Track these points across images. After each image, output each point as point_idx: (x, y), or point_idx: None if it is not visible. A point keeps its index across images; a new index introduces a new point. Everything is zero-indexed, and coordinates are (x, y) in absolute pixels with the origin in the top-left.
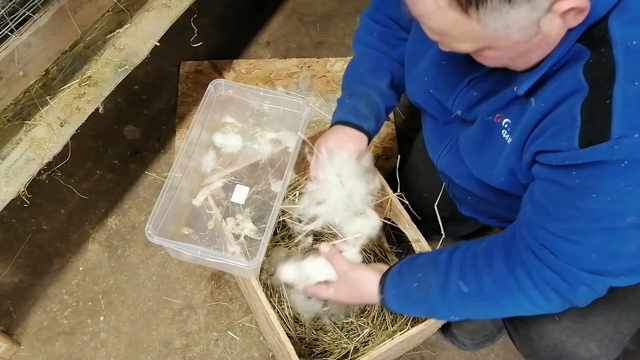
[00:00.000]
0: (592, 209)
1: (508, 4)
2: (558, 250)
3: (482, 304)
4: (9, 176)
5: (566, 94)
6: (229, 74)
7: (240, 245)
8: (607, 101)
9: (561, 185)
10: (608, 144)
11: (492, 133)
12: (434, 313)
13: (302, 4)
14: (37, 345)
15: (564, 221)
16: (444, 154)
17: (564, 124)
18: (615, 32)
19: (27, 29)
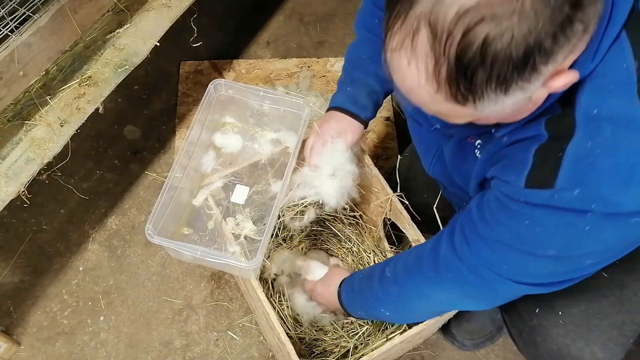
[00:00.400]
0: (520, 233)
1: (504, 95)
2: (474, 247)
3: (397, 288)
4: (9, 176)
5: (526, 137)
6: (229, 74)
7: (240, 245)
8: (559, 153)
9: (504, 204)
10: (550, 191)
11: (467, 150)
12: (369, 305)
13: (302, 4)
14: (37, 345)
15: (492, 229)
16: (433, 162)
17: (517, 161)
18: (580, 97)
19: (27, 29)
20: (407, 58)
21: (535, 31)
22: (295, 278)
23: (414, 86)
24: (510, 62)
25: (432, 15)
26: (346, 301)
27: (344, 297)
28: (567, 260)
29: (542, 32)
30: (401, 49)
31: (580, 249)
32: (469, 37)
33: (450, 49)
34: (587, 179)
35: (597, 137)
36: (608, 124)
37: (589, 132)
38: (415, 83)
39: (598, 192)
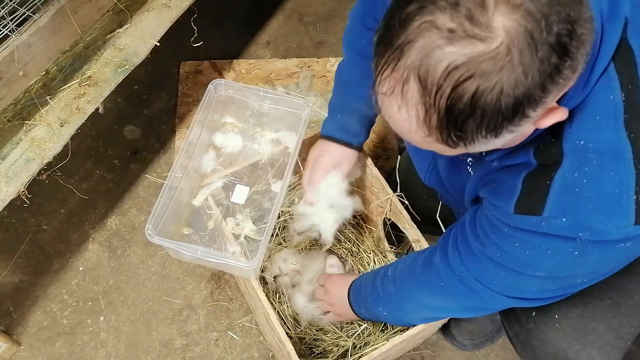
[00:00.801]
0: (510, 253)
1: (494, 139)
2: (466, 260)
3: (394, 287)
4: (9, 176)
5: (515, 163)
6: (229, 74)
7: (240, 245)
8: (547, 181)
9: (495, 225)
10: (538, 218)
11: (460, 166)
12: (369, 302)
13: (302, 4)
14: (37, 345)
15: (484, 247)
16: (429, 172)
17: (506, 186)
18: (568, 128)
19: (27, 29)
20: (397, 104)
21: (524, 84)
22: (293, 276)
23: (405, 130)
24: (500, 113)
25: (421, 68)
26: (353, 299)
27: (352, 296)
28: (556, 280)
29: (530, 85)
30: (391, 95)
31: (569, 271)
32: (458, 91)
33: (440, 100)
34: (574, 208)
35: (584, 168)
36: (594, 155)
37: (576, 163)
38: (407, 127)
39: (585, 221)
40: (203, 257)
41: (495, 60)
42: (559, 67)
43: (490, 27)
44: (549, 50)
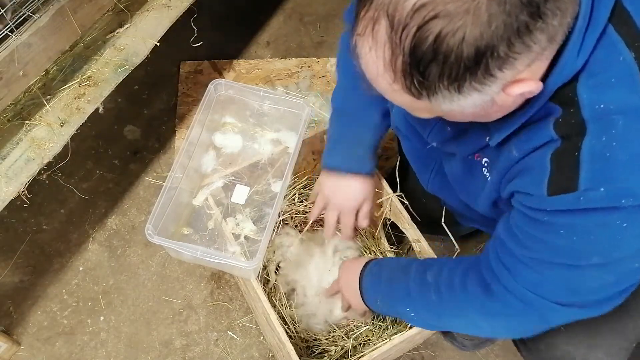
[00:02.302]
0: (558, 245)
1: (458, 94)
2: (516, 273)
3: (437, 297)
4: (9, 176)
5: (538, 145)
6: (229, 74)
7: (240, 245)
8: (575, 153)
9: (532, 218)
10: (574, 195)
11: (474, 169)
12: (395, 298)
13: (302, 4)
14: (37, 345)
15: (529, 249)
16: (432, 178)
17: (534, 171)
18: (583, 95)
19: (27, 29)
20: (368, 45)
21: (487, 34)
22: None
23: (374, 73)
24: (461, 60)
25: (390, 6)
26: (367, 285)
27: (366, 279)
28: (612, 266)
29: (495, 36)
30: (364, 35)
31: (623, 249)
32: (422, 31)
33: (405, 41)
34: (609, 175)
35: (610, 130)
36: (618, 115)
37: (601, 127)
38: (375, 70)
39: (624, 186)
40: (203, 257)
41: (462, 2)
42: (529, 26)
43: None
44: (519, 5)
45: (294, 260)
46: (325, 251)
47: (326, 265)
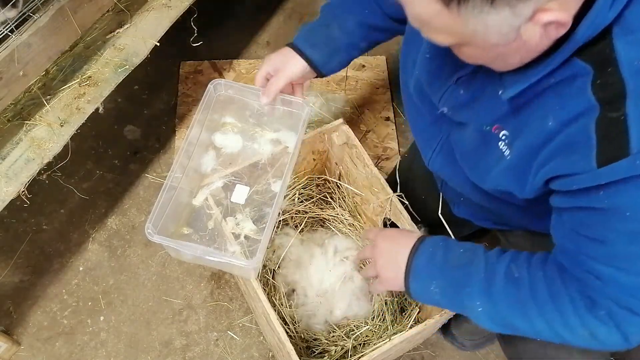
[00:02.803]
0: (630, 230)
1: (489, 5)
2: (603, 276)
3: (529, 304)
4: (9, 176)
5: (576, 114)
6: (229, 74)
7: (240, 245)
8: (621, 117)
9: (591, 209)
10: (628, 160)
11: (489, 143)
12: (463, 288)
13: (302, 4)
14: (37, 345)
15: (604, 245)
16: (435, 154)
17: (578, 145)
18: (621, 53)
19: (27, 29)
20: None
21: None
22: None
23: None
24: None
25: None
26: (421, 265)
27: (420, 258)
28: None
29: None
30: None
31: None
32: None
33: None
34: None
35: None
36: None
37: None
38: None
39: None
40: (203, 256)
41: None
42: None
43: None
44: None
45: (294, 261)
46: (326, 252)
47: (327, 266)
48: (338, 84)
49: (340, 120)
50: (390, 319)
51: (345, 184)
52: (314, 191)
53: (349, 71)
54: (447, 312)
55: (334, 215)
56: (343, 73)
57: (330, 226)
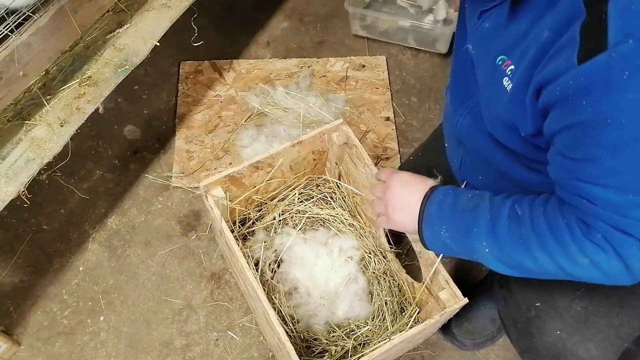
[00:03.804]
0: (612, 141)
1: None
2: (593, 197)
3: (530, 239)
4: (9, 176)
5: (567, 21)
6: (229, 74)
7: None
8: (602, 15)
9: (575, 124)
10: (605, 53)
11: (496, 80)
12: (470, 229)
13: (302, 4)
14: (37, 345)
15: (591, 162)
16: (464, 114)
17: (565, 48)
18: None
19: (27, 29)
20: None
21: None
22: None
23: None
24: None
25: None
26: (433, 211)
27: (432, 204)
28: None
29: None
30: None
31: None
32: None
33: None
34: (636, 24)
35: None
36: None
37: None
38: None
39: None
40: None
41: None
42: None
43: None
44: None
45: (298, 259)
46: (331, 251)
47: (333, 267)
48: (338, 84)
49: (340, 120)
50: (390, 319)
51: (345, 184)
52: (314, 191)
53: (348, 71)
54: (447, 312)
55: (334, 215)
56: (343, 73)
57: (330, 226)
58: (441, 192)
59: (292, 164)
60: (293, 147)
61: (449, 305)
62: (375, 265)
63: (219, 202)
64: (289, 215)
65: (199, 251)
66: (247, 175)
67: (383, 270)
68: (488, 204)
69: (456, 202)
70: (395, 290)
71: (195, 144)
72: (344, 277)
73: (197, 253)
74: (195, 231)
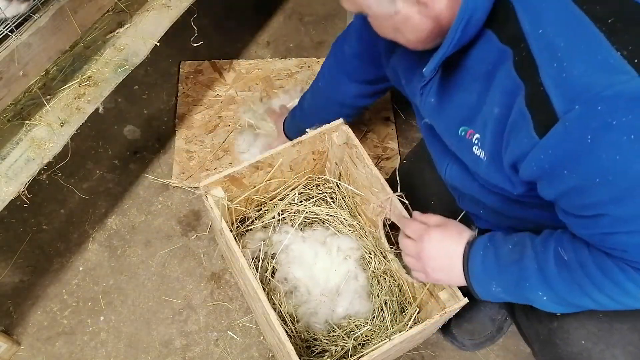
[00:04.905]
0: (610, 195)
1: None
2: (624, 245)
3: (585, 283)
4: (9, 176)
5: (511, 96)
6: (229, 74)
7: None
8: (541, 88)
9: (569, 190)
10: (559, 124)
11: (464, 149)
12: (522, 282)
13: (302, 4)
14: (37, 345)
15: (603, 217)
16: (450, 164)
17: (520, 124)
18: (525, 26)
19: (27, 29)
20: None
21: None
22: None
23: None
24: None
25: None
26: (477, 270)
27: (475, 263)
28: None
29: None
30: None
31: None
32: None
33: None
34: (575, 91)
35: (557, 54)
36: (556, 37)
37: (547, 53)
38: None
39: (592, 95)
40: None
41: None
42: None
43: None
44: None
45: (297, 258)
46: (330, 250)
47: (332, 265)
48: None
49: (340, 120)
50: (390, 319)
51: (345, 184)
52: (314, 191)
53: None
54: (447, 312)
55: (334, 215)
56: None
57: (330, 226)
58: (480, 247)
59: (292, 164)
60: (293, 147)
61: (449, 305)
62: (376, 265)
63: (219, 202)
64: (288, 215)
65: (199, 251)
66: (247, 175)
67: (383, 270)
68: (532, 252)
69: (498, 256)
70: (395, 290)
71: (195, 144)
72: (343, 274)
73: (197, 253)
74: (195, 231)
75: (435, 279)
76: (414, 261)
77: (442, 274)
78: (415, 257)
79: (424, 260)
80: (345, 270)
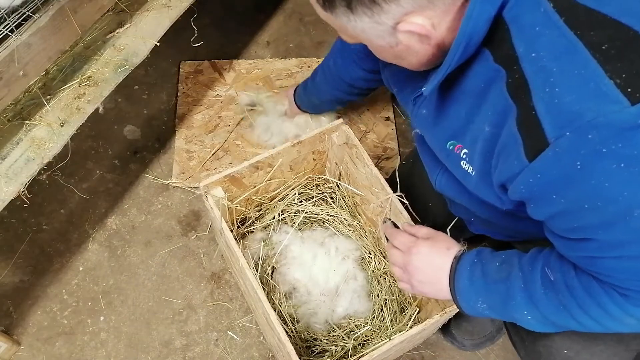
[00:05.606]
0: (598, 220)
1: (351, 13)
2: (611, 270)
3: (571, 305)
4: (9, 176)
5: (502, 117)
6: (229, 74)
7: None
8: (532, 112)
9: (557, 214)
10: (550, 149)
11: (453, 162)
12: (508, 301)
13: (302, 4)
14: (37, 345)
15: (591, 241)
16: (440, 174)
17: (510, 147)
18: (519, 49)
19: (27, 29)
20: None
21: None
22: None
23: None
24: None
25: None
26: (464, 286)
27: (462, 280)
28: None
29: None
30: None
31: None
32: None
33: None
34: (566, 118)
35: (549, 79)
36: (550, 62)
37: (540, 78)
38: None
39: (582, 123)
40: None
41: None
42: None
43: None
44: None
45: (297, 258)
46: (329, 251)
47: (331, 265)
48: None
49: (340, 120)
50: (390, 319)
51: (345, 184)
52: (313, 191)
53: None
54: (447, 312)
55: (334, 215)
56: None
57: (329, 226)
58: (467, 262)
59: (292, 164)
60: (293, 147)
61: (449, 305)
62: (376, 265)
63: (219, 202)
64: (288, 215)
65: (199, 251)
66: (247, 175)
67: (383, 270)
68: (519, 272)
69: (485, 272)
70: (395, 290)
71: (195, 144)
72: (343, 274)
73: (197, 253)
74: (195, 231)
75: (420, 292)
76: (400, 272)
77: (428, 287)
78: (402, 268)
79: (410, 272)
80: (344, 270)
